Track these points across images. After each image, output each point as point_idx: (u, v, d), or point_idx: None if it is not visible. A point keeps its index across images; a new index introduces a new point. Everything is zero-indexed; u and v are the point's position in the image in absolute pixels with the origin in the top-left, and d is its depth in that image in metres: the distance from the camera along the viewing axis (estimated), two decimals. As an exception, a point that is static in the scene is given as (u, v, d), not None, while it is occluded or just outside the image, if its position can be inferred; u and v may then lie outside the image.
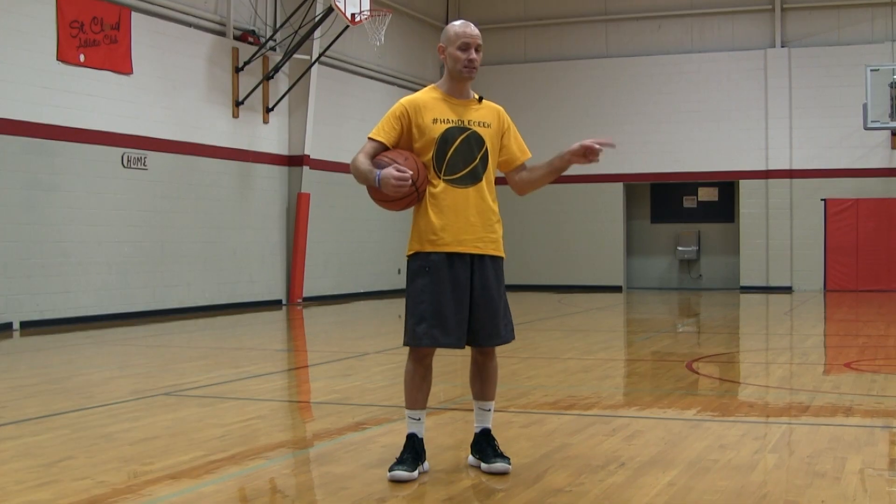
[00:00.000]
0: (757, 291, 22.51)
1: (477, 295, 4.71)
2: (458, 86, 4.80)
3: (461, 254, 4.69)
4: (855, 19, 22.46)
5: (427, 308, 4.65)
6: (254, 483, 4.80)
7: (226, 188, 17.28)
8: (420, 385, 4.77)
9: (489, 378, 4.88)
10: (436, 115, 4.73)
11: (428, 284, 4.67)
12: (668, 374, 8.55)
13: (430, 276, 4.67)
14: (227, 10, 17.38)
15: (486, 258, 4.74)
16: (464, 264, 4.69)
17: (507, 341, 4.84)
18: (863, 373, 8.56)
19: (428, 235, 4.69)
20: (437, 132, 4.70)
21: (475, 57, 4.73)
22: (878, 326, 13.54)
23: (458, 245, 4.68)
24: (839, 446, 5.38)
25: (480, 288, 4.71)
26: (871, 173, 22.21)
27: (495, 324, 4.75)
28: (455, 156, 4.70)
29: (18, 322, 13.33)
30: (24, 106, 13.41)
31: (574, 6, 24.26)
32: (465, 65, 4.71)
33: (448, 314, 4.64)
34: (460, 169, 4.70)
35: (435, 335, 4.63)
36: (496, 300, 4.75)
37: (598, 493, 4.41)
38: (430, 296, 4.65)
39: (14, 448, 5.53)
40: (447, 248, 4.67)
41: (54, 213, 13.89)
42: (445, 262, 4.68)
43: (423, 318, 4.64)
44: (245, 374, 8.85)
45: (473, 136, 4.74)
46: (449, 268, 4.67)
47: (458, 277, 4.68)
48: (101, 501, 4.35)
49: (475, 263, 4.72)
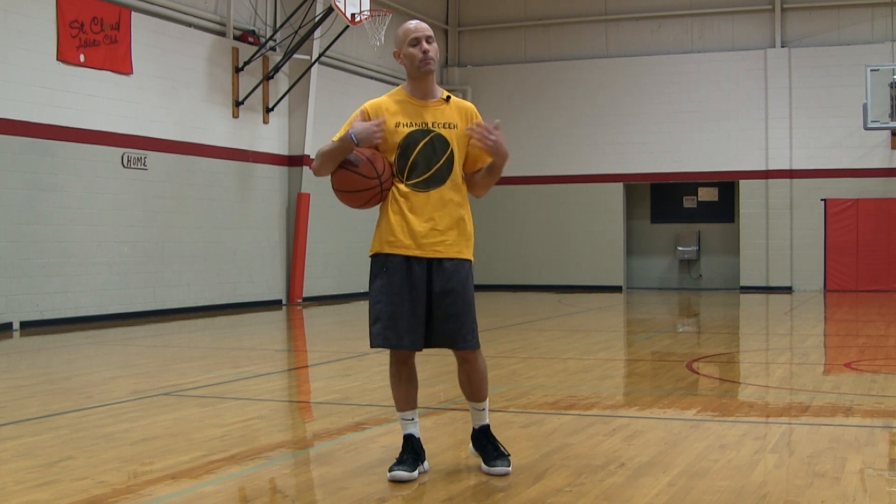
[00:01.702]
0: (757, 291, 22.51)
1: (435, 298, 4.67)
2: (421, 85, 4.75)
3: (419, 257, 4.67)
4: (855, 19, 22.46)
5: (382, 309, 4.65)
6: (254, 483, 4.80)
7: (226, 188, 17.28)
8: (405, 387, 4.77)
9: (477, 380, 4.82)
10: (398, 118, 4.70)
11: (385, 286, 4.67)
12: (668, 375, 8.55)
13: (387, 277, 4.66)
14: (227, 10, 17.38)
15: (445, 261, 4.68)
16: (422, 267, 4.66)
17: (472, 347, 4.72)
18: (863, 373, 8.56)
19: (387, 237, 4.69)
20: (399, 136, 4.67)
21: (428, 47, 4.68)
22: (878, 326, 13.54)
23: (417, 248, 4.65)
24: (839, 446, 5.38)
25: (439, 291, 4.67)
26: (871, 173, 22.20)
27: (457, 327, 4.68)
28: (418, 159, 4.67)
29: (18, 322, 13.34)
30: (24, 106, 13.41)
31: (574, 6, 24.26)
32: (421, 59, 4.67)
33: (402, 316, 4.62)
34: (423, 172, 4.67)
35: (388, 336, 4.63)
36: (457, 303, 4.68)
37: (597, 493, 4.41)
38: (386, 297, 4.65)
39: (14, 448, 5.53)
40: (405, 250, 4.65)
41: (54, 213, 13.89)
42: (403, 264, 4.66)
43: (378, 318, 4.66)
44: (245, 374, 8.85)
45: (437, 138, 4.69)
46: (406, 270, 4.66)
47: (414, 280, 4.65)
48: (101, 501, 4.35)
49: (434, 266, 4.68)
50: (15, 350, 11.42)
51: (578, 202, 23.95)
